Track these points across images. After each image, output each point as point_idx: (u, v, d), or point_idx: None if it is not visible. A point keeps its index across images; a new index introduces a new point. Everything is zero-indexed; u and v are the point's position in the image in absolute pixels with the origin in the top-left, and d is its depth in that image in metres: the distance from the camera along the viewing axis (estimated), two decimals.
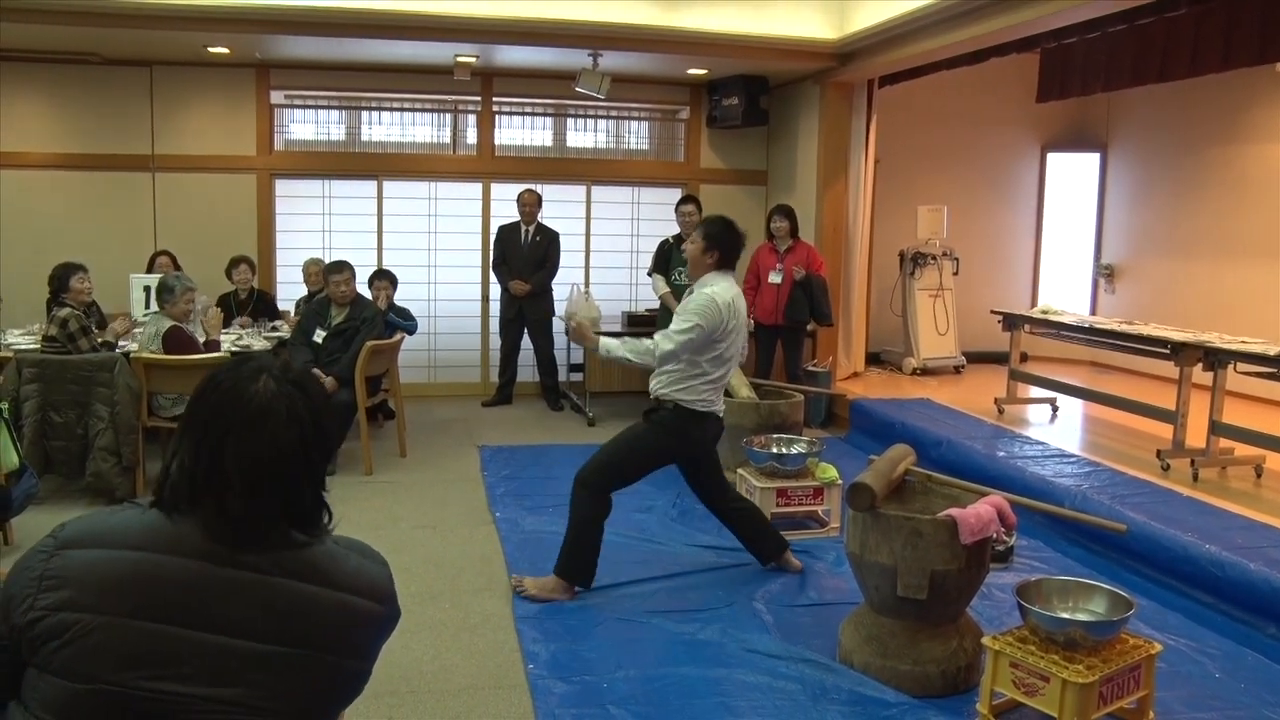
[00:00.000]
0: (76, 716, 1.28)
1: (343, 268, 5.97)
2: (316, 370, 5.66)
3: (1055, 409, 6.80)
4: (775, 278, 6.79)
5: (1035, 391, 6.99)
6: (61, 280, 5.61)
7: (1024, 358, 8.00)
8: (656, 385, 3.96)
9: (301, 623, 1.34)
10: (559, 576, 3.93)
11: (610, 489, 3.92)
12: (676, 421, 3.91)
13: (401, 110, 8.25)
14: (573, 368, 8.05)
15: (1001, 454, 5.44)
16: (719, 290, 3.86)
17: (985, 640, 3.02)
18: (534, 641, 3.55)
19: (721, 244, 3.92)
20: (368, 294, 6.54)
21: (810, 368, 7.21)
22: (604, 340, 3.90)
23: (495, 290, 7.85)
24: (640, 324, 7.43)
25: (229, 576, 1.33)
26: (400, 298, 7.06)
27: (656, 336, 3.86)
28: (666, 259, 7.10)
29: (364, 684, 1.45)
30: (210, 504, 1.34)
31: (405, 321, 6.79)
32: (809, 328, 7.07)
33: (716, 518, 4.27)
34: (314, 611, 1.36)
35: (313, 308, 6.13)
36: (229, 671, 1.30)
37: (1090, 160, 8.94)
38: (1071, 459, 5.37)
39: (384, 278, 6.94)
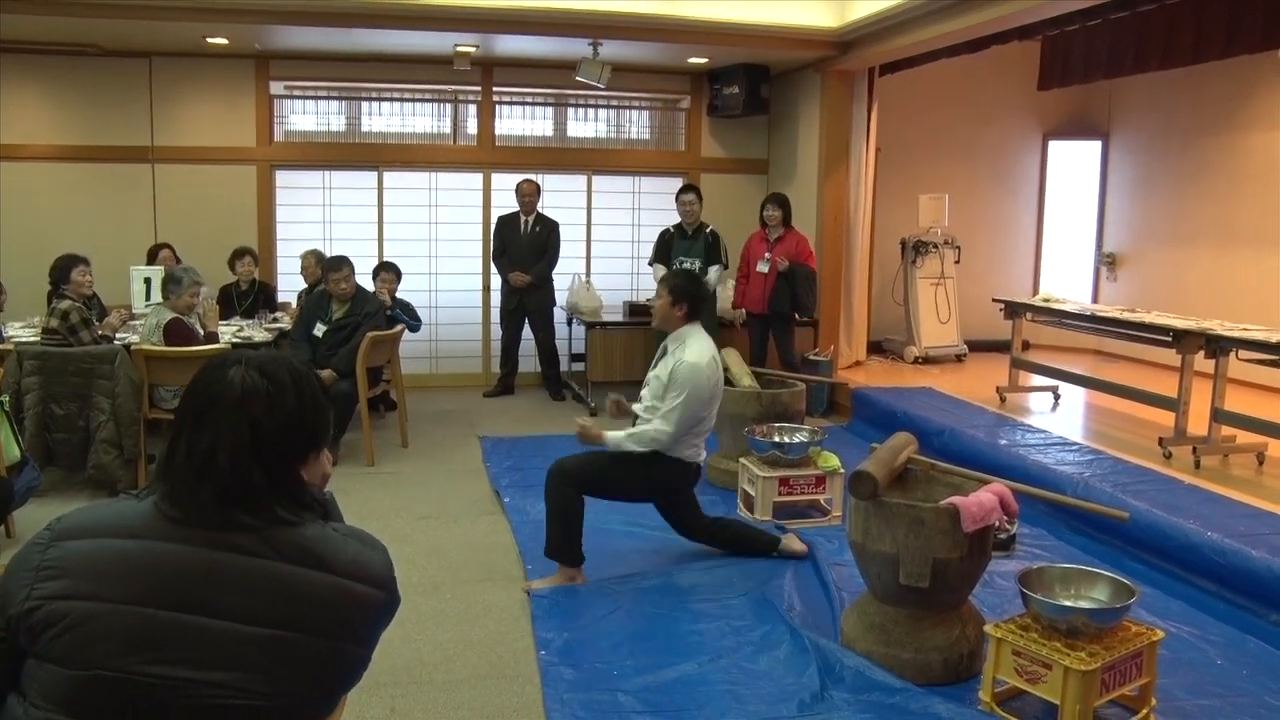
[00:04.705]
0: (75, 704, 1.29)
1: (341, 265, 5.94)
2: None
3: (1057, 397, 6.80)
4: (762, 267, 6.80)
5: (1037, 380, 6.98)
6: (63, 272, 5.60)
7: (1026, 346, 7.99)
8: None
9: (299, 607, 1.35)
10: (558, 562, 3.96)
11: (584, 492, 3.96)
12: (657, 466, 3.99)
13: (401, 100, 8.24)
14: (574, 358, 8.05)
15: (1004, 442, 5.44)
16: (697, 354, 3.95)
17: (987, 628, 3.02)
18: (547, 629, 3.56)
19: (689, 297, 4.06)
20: (370, 287, 6.53)
21: (812, 356, 7.21)
22: (610, 435, 3.99)
23: (496, 281, 7.84)
24: (641, 314, 7.43)
25: (225, 561, 1.33)
26: (401, 289, 7.06)
27: (655, 421, 3.93)
28: (667, 249, 7.09)
29: (363, 670, 1.45)
30: (165, 488, 1.37)
31: (411, 320, 6.79)
32: (798, 317, 7.05)
33: (701, 543, 4.31)
34: (311, 596, 1.36)
35: (314, 301, 6.12)
36: (226, 656, 1.31)
37: (1092, 148, 8.91)
38: (1074, 447, 5.36)
39: (388, 270, 6.93)
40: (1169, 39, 6.83)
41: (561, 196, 8.27)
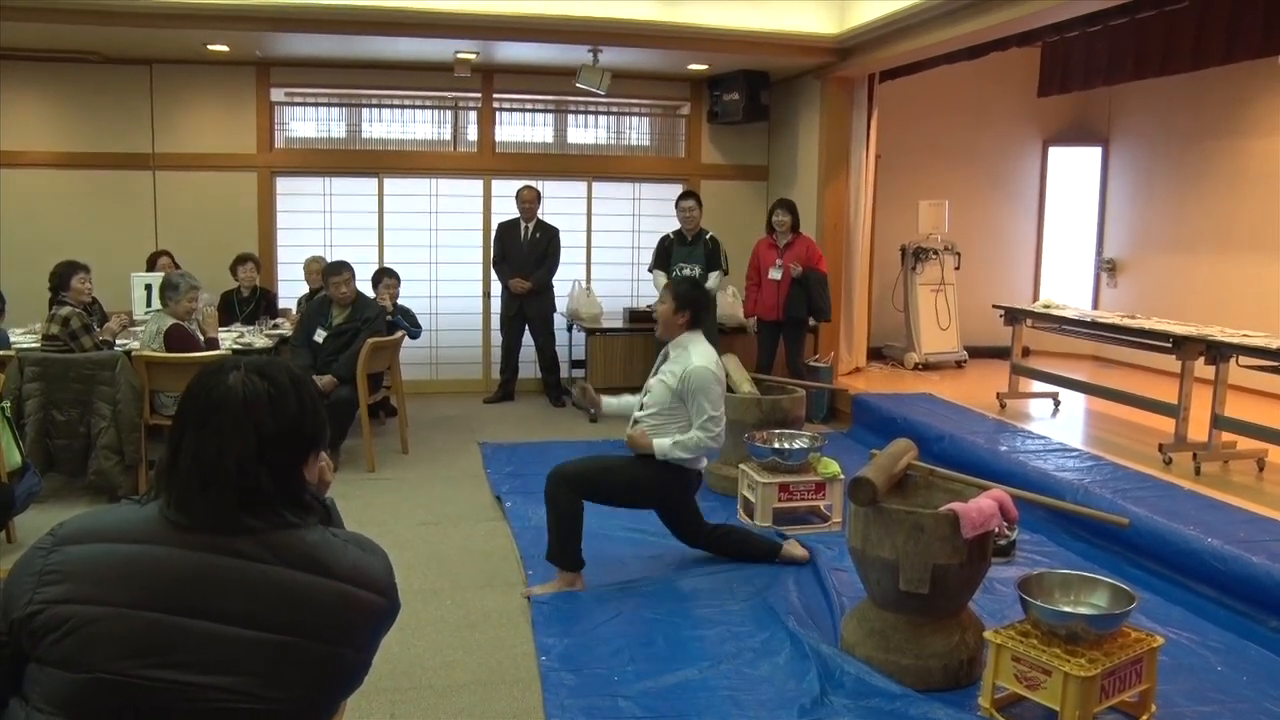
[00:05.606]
0: (77, 707, 1.30)
1: (341, 269, 5.95)
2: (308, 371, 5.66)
3: (1057, 403, 6.80)
4: (775, 274, 6.80)
5: (1037, 386, 6.99)
6: (63, 279, 5.61)
7: (1026, 352, 8.00)
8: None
9: (299, 611, 1.36)
10: (559, 567, 3.97)
11: (583, 496, 3.97)
12: (656, 472, 4.01)
13: (402, 107, 8.25)
14: (574, 364, 8.05)
15: (1004, 448, 5.44)
16: (702, 358, 4.00)
17: (987, 634, 3.02)
18: (547, 634, 3.56)
19: (693, 304, 4.10)
20: (371, 293, 6.54)
21: (812, 363, 7.21)
22: (658, 443, 3.98)
23: (496, 287, 7.85)
24: (642, 320, 7.44)
25: (227, 566, 1.34)
26: (401, 295, 7.07)
27: (694, 431, 3.95)
28: (667, 255, 7.10)
29: (363, 675, 1.46)
30: (170, 494, 1.38)
31: (411, 327, 6.80)
32: (810, 323, 7.07)
33: (701, 550, 4.31)
34: (311, 600, 1.37)
35: (314, 307, 6.13)
36: (226, 659, 1.31)
37: (1092, 154, 8.92)
38: (1073, 453, 5.36)
39: (389, 275, 6.94)
40: (1169, 45, 6.84)
41: (562, 203, 8.28)
